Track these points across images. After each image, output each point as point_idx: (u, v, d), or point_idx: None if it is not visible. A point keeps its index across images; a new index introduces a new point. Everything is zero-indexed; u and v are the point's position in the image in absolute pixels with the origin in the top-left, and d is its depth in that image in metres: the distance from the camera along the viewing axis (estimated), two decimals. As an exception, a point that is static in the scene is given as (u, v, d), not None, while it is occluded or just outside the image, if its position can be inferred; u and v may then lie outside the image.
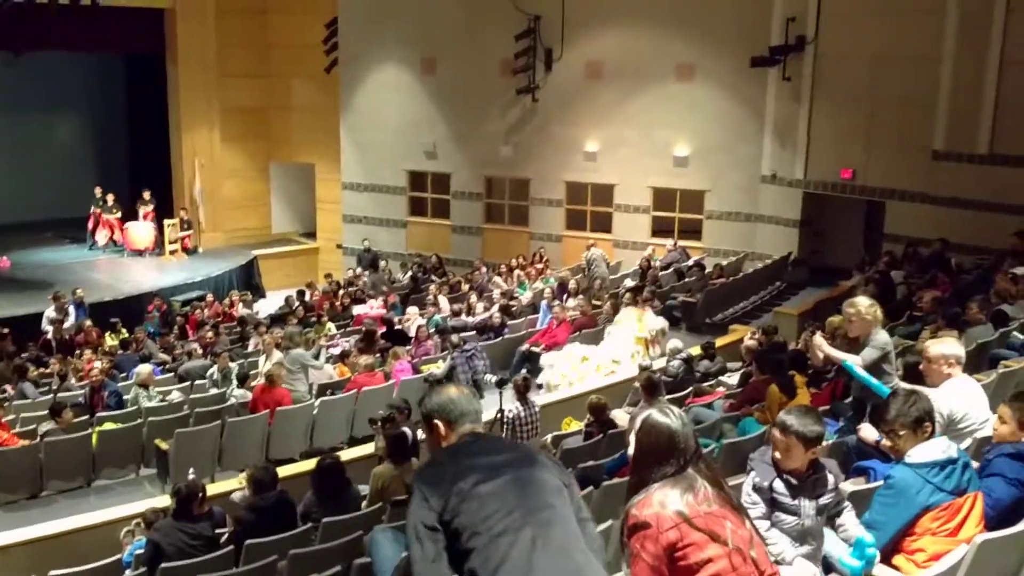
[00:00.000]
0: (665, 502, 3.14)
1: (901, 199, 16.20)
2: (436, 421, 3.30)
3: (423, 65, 21.82)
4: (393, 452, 8.02)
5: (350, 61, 22.58)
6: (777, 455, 4.31)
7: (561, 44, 19.94)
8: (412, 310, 15.55)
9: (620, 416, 9.04)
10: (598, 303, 14.60)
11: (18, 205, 23.84)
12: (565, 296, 15.26)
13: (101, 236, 22.49)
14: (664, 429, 3.27)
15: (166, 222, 22.29)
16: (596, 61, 19.77)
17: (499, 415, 9.50)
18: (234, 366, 12.91)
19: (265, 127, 24.59)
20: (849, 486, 5.02)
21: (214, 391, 12.35)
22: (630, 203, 20.01)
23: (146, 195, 22.60)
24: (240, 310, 18.01)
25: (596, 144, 20.11)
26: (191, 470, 8.59)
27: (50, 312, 16.37)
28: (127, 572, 7.35)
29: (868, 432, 5.73)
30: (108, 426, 10.80)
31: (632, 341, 12.69)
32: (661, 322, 13.17)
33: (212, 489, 8.60)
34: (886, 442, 4.65)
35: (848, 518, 4.41)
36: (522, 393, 9.94)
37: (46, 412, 11.65)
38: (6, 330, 15.43)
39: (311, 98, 23.89)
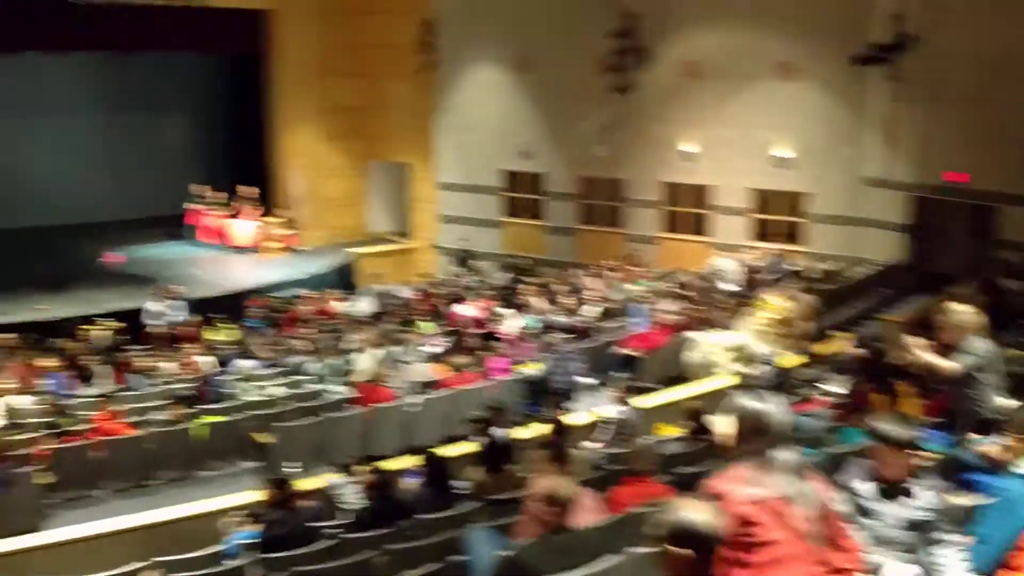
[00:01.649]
0: (744, 478, 3.22)
1: (1020, 204, 15.54)
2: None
3: (518, 64, 21.87)
4: (487, 458, 8.09)
5: (445, 61, 22.76)
6: (874, 461, 4.30)
7: (658, 42, 19.76)
8: (506, 311, 15.60)
9: (716, 421, 8.89)
10: (702, 308, 14.34)
11: (130, 202, 24.69)
12: (665, 299, 15.07)
13: (204, 233, 23.15)
14: (754, 410, 3.40)
15: (267, 220, 22.83)
16: (694, 59, 19.53)
17: (603, 418, 9.48)
18: (332, 362, 13.16)
19: (363, 126, 24.94)
20: (954, 499, 4.87)
21: (313, 387, 12.59)
22: (727, 205, 19.72)
23: (248, 193, 23.16)
24: (338, 307, 18.32)
25: (693, 144, 19.87)
26: (293, 464, 8.76)
27: (154, 306, 16.88)
28: (229, 561, 7.54)
29: (979, 443, 5.55)
30: (213, 419, 11.11)
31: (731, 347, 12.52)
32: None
33: (310, 483, 8.77)
34: (995, 451, 4.53)
35: (947, 556, 4.21)
36: (623, 397, 9.88)
37: (153, 404, 12.06)
38: (122, 324, 16.00)
39: (407, 98, 24.15)
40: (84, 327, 16.03)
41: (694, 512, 3.03)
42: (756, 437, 3.36)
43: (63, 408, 11.49)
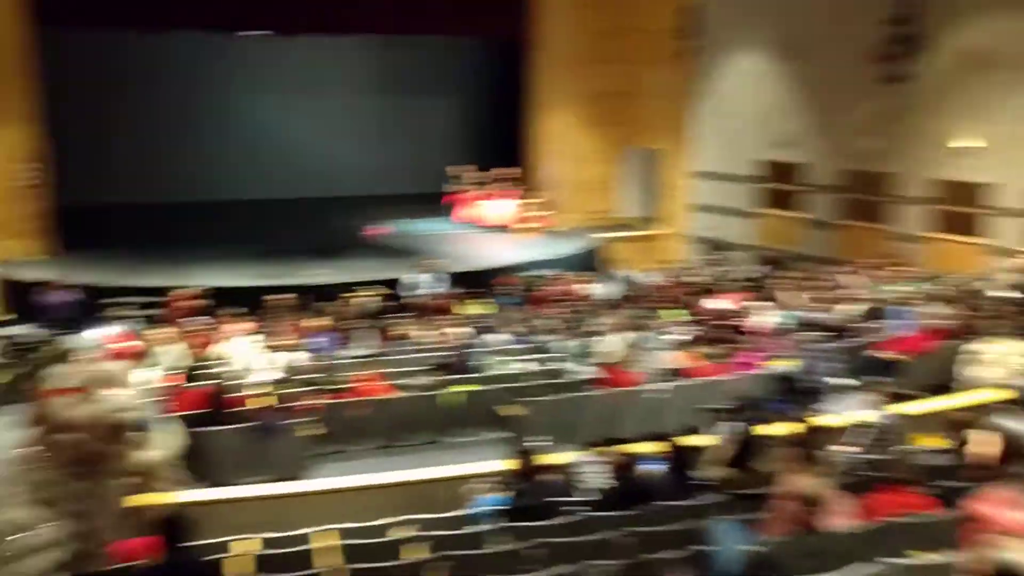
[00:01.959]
0: (1009, 501, 3.01)
1: None
2: None
3: (783, 51, 21.20)
4: (734, 452, 7.95)
5: (707, 47, 22.39)
6: None
7: (939, 29, 18.51)
8: (758, 304, 15.20)
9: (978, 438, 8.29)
10: (979, 315, 13.33)
11: (395, 177, 26.19)
12: (934, 303, 14.15)
13: (462, 212, 24.08)
14: (1015, 434, 3.17)
15: (523, 201, 23.43)
16: (981, 48, 18.13)
17: (860, 422, 9.08)
18: (577, 343, 13.33)
19: (618, 113, 25.01)
20: None
21: (559, 365, 12.81)
22: (1008, 206, 18.23)
23: (506, 174, 23.86)
24: (585, 289, 18.53)
25: (972, 139, 18.49)
26: (543, 439, 8.95)
27: (416, 278, 17.72)
28: (473, 526, 7.82)
29: None
30: (467, 387, 11.56)
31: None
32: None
33: (553, 459, 8.93)
34: None
35: None
36: (882, 402, 9.41)
37: (410, 369, 12.70)
38: (385, 290, 17.00)
39: (664, 84, 23.98)
40: (351, 293, 17.13)
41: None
42: (1013, 459, 3.12)
43: (330, 367, 12.32)
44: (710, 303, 16.02)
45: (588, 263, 21.80)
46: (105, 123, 23.93)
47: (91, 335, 13.45)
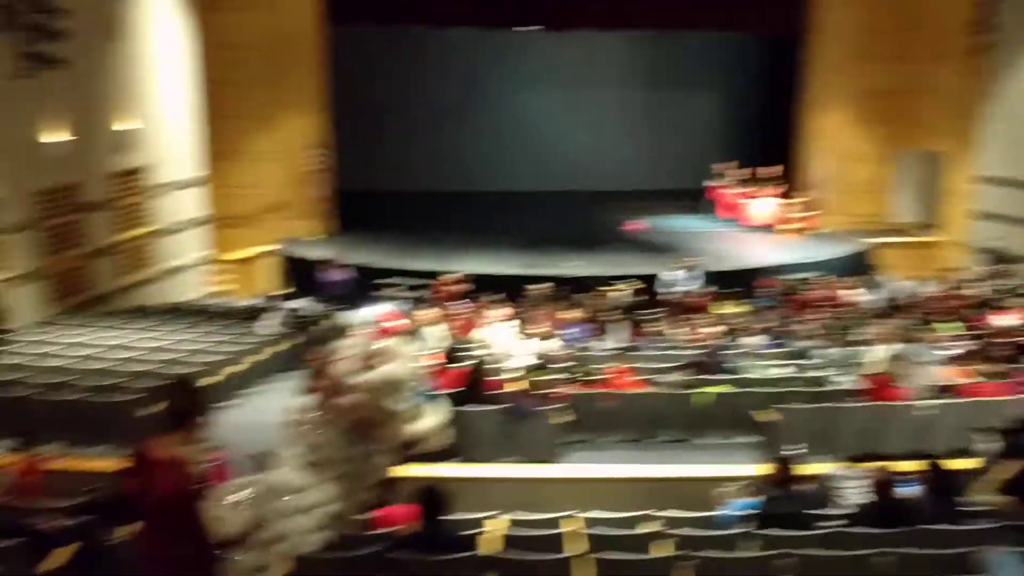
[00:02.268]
0: None
1: None
2: None
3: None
4: (1014, 482, 7.34)
5: (1003, 44, 20.69)
6: None
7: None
8: (1047, 321, 13.94)
9: None
10: None
11: (658, 173, 26.11)
12: None
13: (724, 209, 23.63)
14: None
15: (787, 201, 22.68)
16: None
17: None
18: (839, 351, 12.76)
19: (896, 112, 23.60)
20: None
21: (819, 373, 12.32)
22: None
23: (771, 173, 23.19)
24: (849, 296, 17.70)
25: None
26: (797, 446, 8.65)
27: (672, 275, 17.59)
28: (724, 528, 7.67)
29: None
30: (719, 389, 11.35)
31: None
32: None
33: (809, 469, 8.60)
34: None
35: None
36: None
37: (662, 366, 12.62)
38: (634, 286, 17.01)
39: (949, 83, 22.39)
40: (607, 286, 17.27)
41: None
42: None
43: (583, 357, 12.47)
44: (995, 319, 14.85)
45: (854, 268, 20.77)
46: (384, 114, 25.40)
47: (365, 312, 14.31)
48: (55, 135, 15.89)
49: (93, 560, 5.85)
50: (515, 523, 7.44)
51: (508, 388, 11.12)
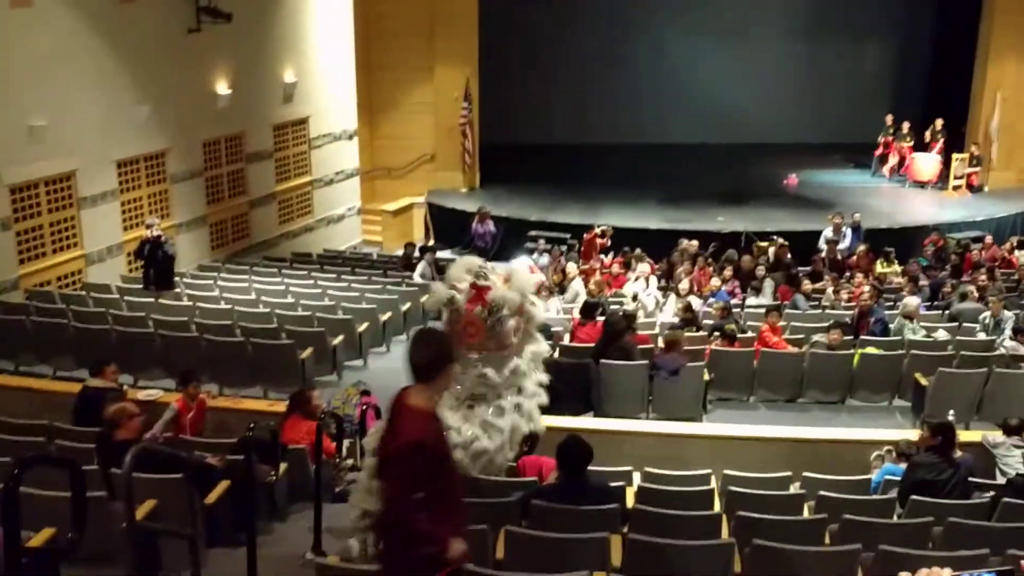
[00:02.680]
0: None
1: None
2: None
3: None
4: None
5: None
6: None
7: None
8: None
9: None
10: None
11: (812, 126, 25.12)
12: None
13: (887, 165, 22.59)
14: None
15: (954, 156, 21.49)
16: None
17: None
18: (1009, 315, 12.11)
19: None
20: None
21: (983, 336, 11.73)
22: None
23: (938, 125, 22.00)
24: (1019, 258, 16.73)
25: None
26: (951, 412, 8.30)
27: (827, 232, 17.00)
28: (873, 494, 7.47)
29: None
30: (870, 350, 10.97)
31: None
32: None
33: (964, 437, 8.25)
34: None
35: None
36: None
37: (814, 324, 12.28)
38: (786, 242, 16.50)
39: None
40: (759, 242, 16.87)
41: None
42: None
43: (731, 315, 12.24)
44: None
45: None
46: (530, 64, 25.24)
47: (513, 263, 14.46)
48: (224, 87, 16.59)
49: (247, 497, 6.16)
50: (656, 478, 7.44)
51: (652, 344, 11.06)
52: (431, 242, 19.61)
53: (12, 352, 11.28)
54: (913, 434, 8.15)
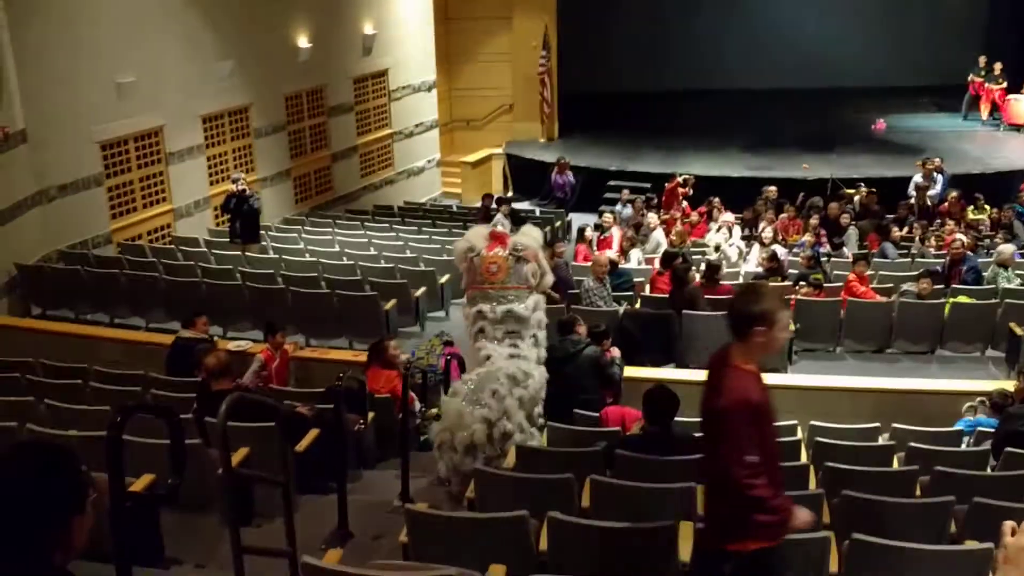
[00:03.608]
0: None
1: None
2: None
3: None
4: None
5: None
6: None
7: None
8: None
9: None
10: None
11: (899, 69, 24.20)
12: None
13: (982, 108, 21.74)
14: None
15: (1051, 97, 20.62)
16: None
17: None
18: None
19: None
20: None
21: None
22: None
23: (1034, 66, 21.09)
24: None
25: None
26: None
27: (917, 178, 16.49)
28: (964, 444, 7.31)
29: None
30: (962, 299, 10.67)
31: None
32: None
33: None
34: None
35: None
36: None
37: (904, 273, 11.98)
38: (874, 189, 16.07)
39: None
40: (845, 190, 16.46)
41: None
42: None
43: (816, 264, 12.01)
44: None
45: None
46: (609, 11, 24.79)
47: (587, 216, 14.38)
48: (304, 41, 16.70)
49: (337, 445, 6.29)
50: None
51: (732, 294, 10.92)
52: (510, 193, 19.59)
53: (106, 304, 11.66)
54: (1008, 385, 7.94)
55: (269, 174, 16.38)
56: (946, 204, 15.66)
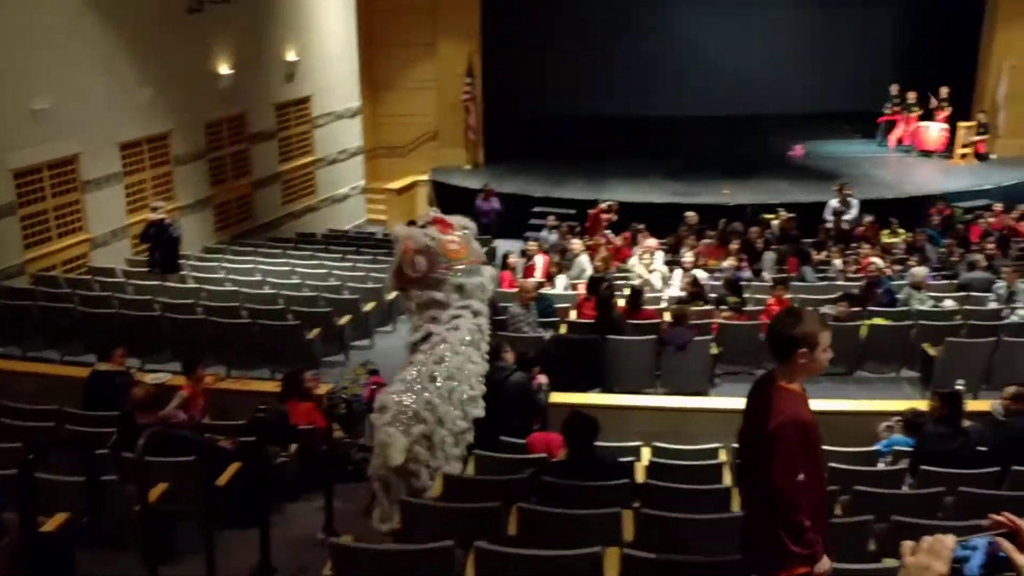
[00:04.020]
0: None
1: None
2: None
3: None
4: None
5: None
6: None
7: None
8: None
9: None
10: None
11: (818, 96, 24.89)
12: None
13: (894, 134, 22.44)
14: None
15: (960, 124, 21.34)
16: None
17: None
18: (1014, 284, 12.07)
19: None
20: None
21: (993, 306, 11.70)
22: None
23: (943, 94, 21.80)
24: (1027, 226, 16.66)
25: None
26: (960, 381, 8.28)
27: (833, 203, 16.92)
28: (881, 463, 7.47)
29: None
30: (878, 322, 10.95)
31: None
32: None
33: (973, 406, 8.24)
34: None
35: None
36: None
37: (822, 296, 12.25)
38: (792, 214, 16.44)
39: None
40: (765, 215, 16.80)
41: None
42: None
43: (737, 288, 12.21)
44: None
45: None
46: (532, 38, 24.95)
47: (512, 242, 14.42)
48: (226, 67, 16.52)
49: (260, 478, 6.19)
50: (665, 453, 7.44)
51: (657, 318, 11.05)
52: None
53: (19, 337, 11.30)
54: (922, 404, 8.15)
55: (189, 202, 16.11)
56: (862, 228, 16.09)
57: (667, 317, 10.97)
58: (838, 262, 14.34)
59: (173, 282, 12.92)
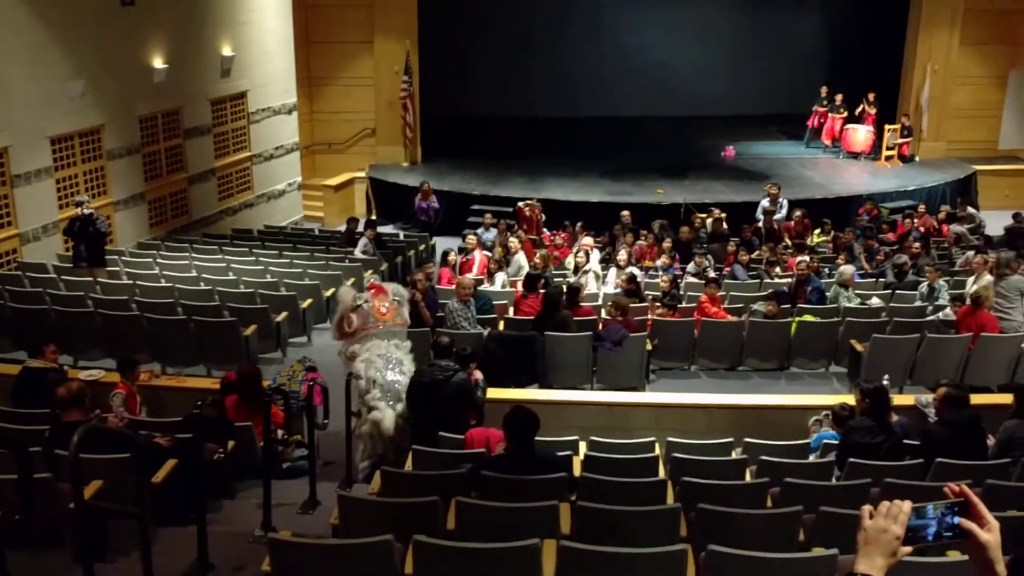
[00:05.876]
0: None
1: None
2: None
3: None
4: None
5: None
6: None
7: None
8: None
9: None
10: None
11: (749, 98, 25.39)
12: None
13: (821, 135, 22.96)
14: None
15: (886, 127, 21.93)
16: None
17: None
18: (943, 283, 12.47)
19: (1009, 31, 22.54)
20: None
21: (918, 304, 12.07)
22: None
23: (870, 97, 22.40)
24: (951, 226, 17.19)
25: None
26: (886, 376, 8.54)
27: (764, 203, 17.26)
28: (811, 456, 7.69)
29: None
30: (807, 318, 11.23)
31: None
32: None
33: (898, 400, 8.51)
34: None
35: None
36: None
37: (753, 294, 12.53)
38: (724, 214, 16.74)
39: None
40: (697, 214, 17.07)
41: None
42: None
43: (671, 286, 12.41)
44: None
45: (958, 196, 20.06)
46: (470, 37, 25.04)
47: (450, 240, 14.46)
48: (160, 61, 16.27)
49: (196, 475, 6.15)
50: (601, 447, 7.56)
51: (595, 315, 11.19)
52: (373, 216, 19.52)
53: (-54, 334, 11.04)
54: (849, 399, 8.39)
55: (123, 197, 15.85)
56: (791, 222, 16.46)
57: (604, 314, 11.11)
58: (767, 260, 14.62)
59: (102, 276, 12.71)
